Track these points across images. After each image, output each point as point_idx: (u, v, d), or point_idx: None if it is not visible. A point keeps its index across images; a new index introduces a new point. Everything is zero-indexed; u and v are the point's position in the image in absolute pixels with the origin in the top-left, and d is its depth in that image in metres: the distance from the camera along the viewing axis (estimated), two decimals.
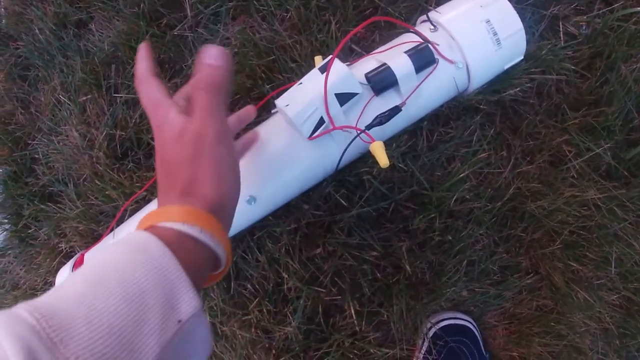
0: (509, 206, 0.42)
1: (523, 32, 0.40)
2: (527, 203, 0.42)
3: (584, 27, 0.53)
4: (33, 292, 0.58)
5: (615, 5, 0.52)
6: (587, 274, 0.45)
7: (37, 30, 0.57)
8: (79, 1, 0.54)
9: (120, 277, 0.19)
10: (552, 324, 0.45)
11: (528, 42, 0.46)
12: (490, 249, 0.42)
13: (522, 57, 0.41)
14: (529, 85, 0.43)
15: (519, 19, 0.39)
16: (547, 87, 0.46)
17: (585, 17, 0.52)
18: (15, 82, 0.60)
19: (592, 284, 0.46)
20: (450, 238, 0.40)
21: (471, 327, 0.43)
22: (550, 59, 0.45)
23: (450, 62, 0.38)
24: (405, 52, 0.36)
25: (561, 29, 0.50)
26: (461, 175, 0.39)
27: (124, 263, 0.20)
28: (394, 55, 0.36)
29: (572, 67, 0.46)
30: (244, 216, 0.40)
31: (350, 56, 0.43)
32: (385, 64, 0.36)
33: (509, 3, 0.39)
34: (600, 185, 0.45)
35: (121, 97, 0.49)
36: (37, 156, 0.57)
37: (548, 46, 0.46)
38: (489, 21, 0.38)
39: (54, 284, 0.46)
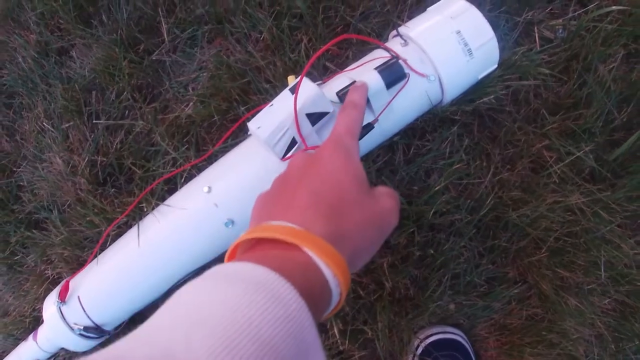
0: (491, 216, 0.42)
1: (495, 41, 0.40)
2: (509, 212, 0.42)
3: (560, 31, 0.53)
4: (22, 318, 0.57)
5: (590, 6, 0.52)
6: (577, 279, 0.45)
7: (20, 59, 0.58)
8: (59, 29, 0.55)
9: (258, 338, 0.15)
10: (544, 332, 0.44)
11: (503, 49, 0.46)
12: (474, 261, 0.42)
13: (495, 66, 0.41)
14: (503, 92, 0.43)
15: (490, 28, 0.39)
16: (525, 93, 0.46)
17: (561, 21, 0.52)
18: (0, 110, 0.60)
19: (582, 289, 0.45)
20: (432, 252, 0.40)
21: (461, 340, 0.43)
22: (526, 64, 0.46)
23: (422, 75, 0.38)
24: (375, 69, 0.36)
25: (536, 34, 0.51)
26: (437, 188, 0.39)
27: (259, 319, 0.15)
28: (364, 72, 0.36)
29: (549, 72, 0.46)
30: (223, 239, 0.40)
31: (324, 74, 0.43)
32: (354, 81, 0.36)
33: (479, 12, 0.39)
34: (584, 189, 0.45)
35: (102, 123, 0.50)
36: (22, 183, 0.57)
37: (522, 52, 0.46)
38: (459, 32, 0.38)
39: (42, 310, 0.46)
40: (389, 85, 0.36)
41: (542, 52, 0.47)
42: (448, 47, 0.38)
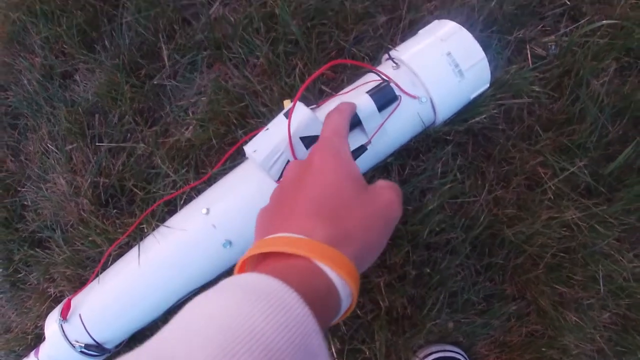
0: (487, 234, 0.42)
1: (486, 61, 0.40)
2: (504, 229, 0.42)
3: (552, 47, 0.54)
4: (24, 335, 0.58)
5: (581, 21, 0.53)
6: (575, 295, 0.45)
7: (25, 81, 0.59)
8: (63, 54, 0.57)
9: (261, 343, 0.15)
10: (544, 349, 0.44)
11: (495, 68, 0.47)
12: (472, 279, 0.42)
13: (487, 85, 0.42)
14: (495, 111, 0.44)
15: (480, 49, 0.40)
16: (518, 110, 0.47)
17: (553, 37, 0.53)
18: (5, 130, 0.62)
19: (581, 304, 0.45)
20: (429, 271, 0.40)
21: (462, 358, 0.42)
22: (519, 82, 0.46)
23: (414, 97, 0.38)
24: (367, 92, 0.37)
25: (529, 52, 0.51)
26: (431, 208, 0.39)
27: (262, 325, 0.15)
28: (356, 96, 0.37)
29: (541, 90, 0.47)
30: (221, 260, 0.40)
31: (320, 97, 0.44)
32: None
33: (469, 34, 0.40)
34: (580, 204, 0.45)
35: (104, 145, 0.51)
36: (26, 203, 0.58)
37: (513, 71, 0.47)
38: (449, 54, 0.39)
39: (44, 328, 0.47)
40: (381, 108, 0.37)
41: (534, 70, 0.48)
42: (439, 68, 0.39)
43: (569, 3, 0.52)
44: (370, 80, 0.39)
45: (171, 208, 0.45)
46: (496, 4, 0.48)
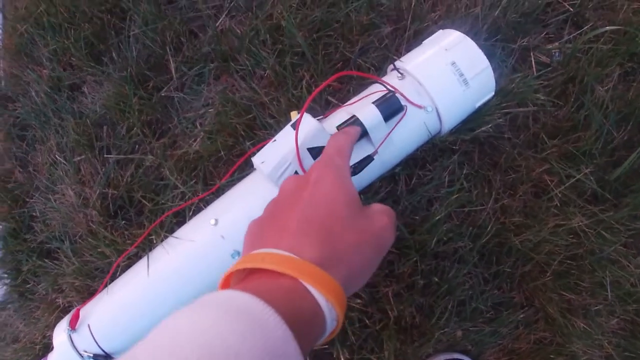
0: (495, 242, 0.42)
1: (490, 69, 0.41)
2: (511, 237, 0.42)
3: (556, 54, 0.54)
4: (32, 345, 0.58)
5: (585, 27, 0.53)
6: (583, 301, 0.45)
7: (33, 93, 0.60)
8: (71, 66, 0.58)
9: None
10: (552, 356, 0.44)
11: (500, 76, 0.47)
12: (480, 287, 0.42)
13: (492, 94, 0.42)
14: (501, 120, 0.44)
15: (484, 58, 0.40)
16: (523, 118, 0.47)
17: (557, 44, 0.53)
18: (14, 141, 0.63)
19: (589, 311, 0.45)
20: (437, 280, 0.40)
21: None
22: (524, 90, 0.47)
23: (419, 107, 0.39)
24: (373, 103, 0.37)
25: (533, 59, 0.52)
26: (439, 217, 0.39)
27: (237, 345, 0.15)
28: (363, 106, 0.38)
29: (545, 98, 0.47)
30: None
31: (327, 108, 0.45)
32: (354, 115, 0.37)
33: (473, 43, 0.40)
34: (586, 211, 0.45)
35: (112, 157, 0.51)
36: (35, 214, 0.59)
37: (518, 79, 0.47)
38: (454, 63, 0.40)
39: (52, 338, 0.47)
40: (387, 118, 0.37)
41: (538, 78, 0.48)
42: (444, 78, 0.39)
43: (571, 10, 0.53)
44: (376, 90, 0.39)
45: (180, 219, 0.46)
46: (500, 12, 0.49)
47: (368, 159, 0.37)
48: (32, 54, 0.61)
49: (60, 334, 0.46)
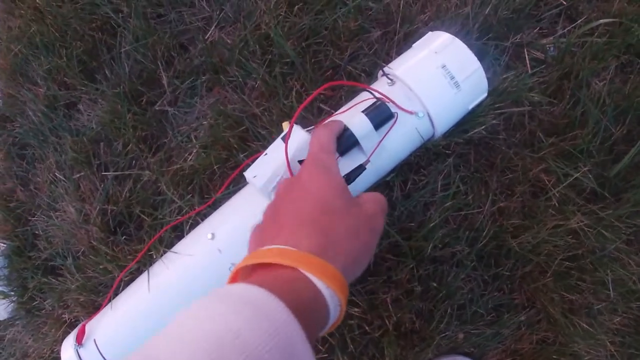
0: (493, 245, 0.42)
1: (481, 70, 0.40)
2: (510, 240, 0.42)
3: (551, 49, 0.54)
4: None
5: (579, 21, 0.52)
6: (585, 301, 0.44)
7: (30, 112, 0.61)
8: (66, 85, 0.58)
9: (245, 349, 0.15)
10: (555, 356, 0.44)
11: (494, 75, 0.46)
12: (480, 290, 0.42)
13: (485, 94, 0.42)
14: (495, 120, 0.44)
15: (475, 59, 0.40)
16: (519, 117, 0.46)
17: (551, 39, 0.52)
18: (14, 160, 0.64)
19: (591, 310, 0.44)
20: (435, 284, 0.40)
21: None
22: (518, 89, 0.46)
23: (410, 113, 0.38)
24: (363, 111, 0.37)
25: (527, 56, 0.51)
26: (434, 223, 0.39)
27: (246, 332, 0.16)
28: (353, 115, 0.37)
29: (541, 95, 0.47)
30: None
31: (319, 116, 0.45)
32: (345, 125, 0.37)
33: (463, 44, 0.40)
34: (586, 209, 0.45)
35: (110, 174, 0.52)
36: (37, 232, 0.60)
37: (512, 78, 0.46)
38: (444, 66, 0.39)
39: (60, 352, 0.48)
40: (377, 126, 0.37)
41: (533, 75, 0.48)
42: (434, 82, 0.39)
43: (565, 3, 0.52)
44: (366, 98, 0.39)
45: (178, 233, 0.46)
46: (491, 10, 0.48)
47: (360, 169, 0.37)
48: (27, 73, 0.62)
49: (67, 349, 0.47)
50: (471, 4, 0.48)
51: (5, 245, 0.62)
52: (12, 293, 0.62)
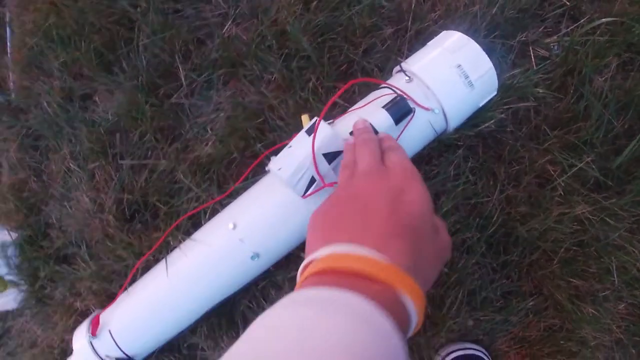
0: (501, 232, 0.43)
1: (493, 70, 0.42)
2: (518, 227, 0.44)
3: (555, 47, 0.56)
4: (50, 350, 0.60)
5: (581, 20, 0.54)
6: (590, 288, 0.46)
7: (45, 104, 0.62)
8: (82, 76, 0.59)
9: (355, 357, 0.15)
10: (562, 342, 0.45)
11: (501, 72, 0.48)
12: (489, 277, 0.43)
13: (495, 92, 0.43)
14: (503, 115, 0.45)
15: (488, 59, 0.41)
16: (525, 111, 0.48)
17: (555, 38, 0.54)
18: (27, 151, 0.64)
19: (597, 296, 0.46)
20: (447, 270, 0.41)
21: (482, 356, 0.44)
22: (524, 85, 0.48)
23: (427, 109, 0.40)
24: (383, 107, 0.38)
25: (532, 54, 0.53)
26: (446, 209, 0.41)
27: (357, 344, 0.15)
28: (373, 111, 0.39)
29: (545, 92, 0.48)
30: (248, 272, 0.42)
31: (334, 109, 0.46)
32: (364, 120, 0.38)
33: (477, 45, 0.41)
34: (590, 199, 0.46)
35: (126, 163, 0.53)
36: (50, 221, 0.60)
37: (518, 74, 0.48)
38: (459, 66, 0.41)
39: (70, 342, 0.48)
40: (397, 121, 0.38)
41: (538, 72, 0.50)
42: (450, 81, 0.40)
43: (568, 3, 0.54)
44: (383, 94, 0.40)
45: (195, 221, 0.47)
46: (498, 9, 0.50)
47: None
48: (42, 66, 0.63)
49: (80, 338, 0.47)
50: (479, 4, 0.50)
51: (17, 235, 0.62)
52: (23, 282, 0.62)
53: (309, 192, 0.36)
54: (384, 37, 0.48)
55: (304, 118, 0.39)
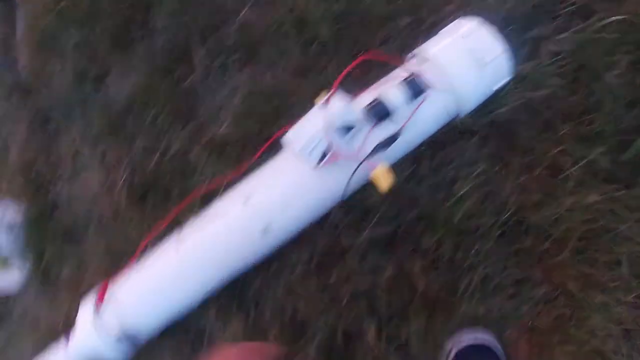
0: (514, 220, 0.44)
1: (506, 54, 0.42)
2: (530, 215, 0.44)
3: (567, 44, 0.56)
4: (54, 327, 0.58)
5: (592, 18, 0.55)
6: (600, 278, 0.46)
7: (56, 85, 0.62)
8: (95, 58, 0.59)
9: None
10: (572, 331, 0.45)
11: (515, 63, 0.49)
12: (501, 264, 0.43)
13: (510, 77, 0.44)
14: (517, 104, 0.46)
15: (500, 43, 0.42)
16: (538, 103, 0.49)
17: (567, 34, 0.55)
18: (36, 133, 0.64)
19: (607, 286, 0.46)
20: (461, 255, 0.42)
21: (492, 345, 0.43)
22: (537, 77, 0.48)
23: (439, 90, 0.41)
24: (397, 85, 0.39)
25: (544, 49, 0.54)
26: (462, 193, 0.41)
27: None
28: (387, 88, 0.39)
29: (559, 83, 0.49)
30: (259, 247, 0.42)
31: (350, 92, 0.46)
32: (376, 99, 0.39)
33: (490, 29, 0.42)
34: (601, 190, 0.47)
35: (139, 143, 0.53)
36: (59, 200, 0.60)
37: (531, 67, 0.49)
38: (472, 49, 0.41)
39: (75, 319, 0.47)
40: (410, 99, 0.39)
41: (552, 65, 0.50)
42: (462, 64, 0.41)
43: (579, 2, 0.55)
44: (398, 75, 0.41)
45: (206, 201, 0.47)
46: (512, 4, 0.51)
47: (393, 138, 0.39)
48: (54, 47, 0.63)
49: (85, 311, 0.45)
50: None
51: (23, 214, 0.62)
52: (28, 260, 0.61)
53: (322, 162, 0.37)
54: (400, 27, 0.49)
55: (322, 96, 0.39)
